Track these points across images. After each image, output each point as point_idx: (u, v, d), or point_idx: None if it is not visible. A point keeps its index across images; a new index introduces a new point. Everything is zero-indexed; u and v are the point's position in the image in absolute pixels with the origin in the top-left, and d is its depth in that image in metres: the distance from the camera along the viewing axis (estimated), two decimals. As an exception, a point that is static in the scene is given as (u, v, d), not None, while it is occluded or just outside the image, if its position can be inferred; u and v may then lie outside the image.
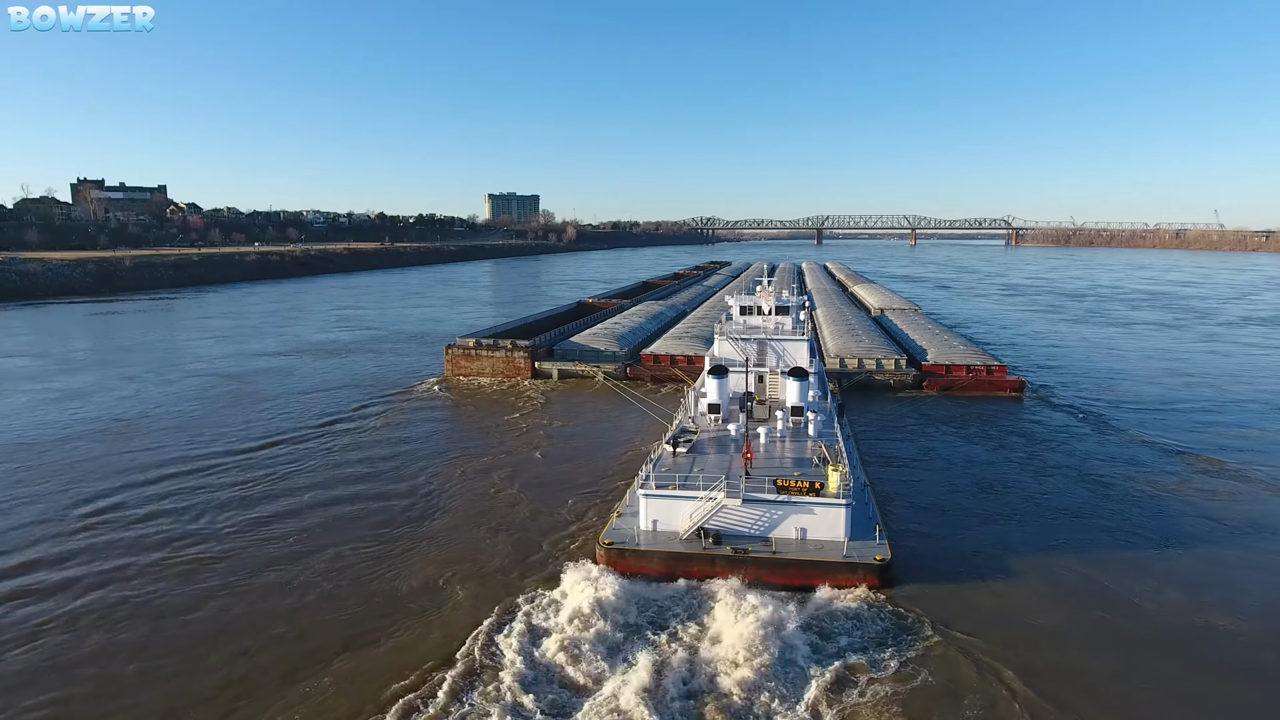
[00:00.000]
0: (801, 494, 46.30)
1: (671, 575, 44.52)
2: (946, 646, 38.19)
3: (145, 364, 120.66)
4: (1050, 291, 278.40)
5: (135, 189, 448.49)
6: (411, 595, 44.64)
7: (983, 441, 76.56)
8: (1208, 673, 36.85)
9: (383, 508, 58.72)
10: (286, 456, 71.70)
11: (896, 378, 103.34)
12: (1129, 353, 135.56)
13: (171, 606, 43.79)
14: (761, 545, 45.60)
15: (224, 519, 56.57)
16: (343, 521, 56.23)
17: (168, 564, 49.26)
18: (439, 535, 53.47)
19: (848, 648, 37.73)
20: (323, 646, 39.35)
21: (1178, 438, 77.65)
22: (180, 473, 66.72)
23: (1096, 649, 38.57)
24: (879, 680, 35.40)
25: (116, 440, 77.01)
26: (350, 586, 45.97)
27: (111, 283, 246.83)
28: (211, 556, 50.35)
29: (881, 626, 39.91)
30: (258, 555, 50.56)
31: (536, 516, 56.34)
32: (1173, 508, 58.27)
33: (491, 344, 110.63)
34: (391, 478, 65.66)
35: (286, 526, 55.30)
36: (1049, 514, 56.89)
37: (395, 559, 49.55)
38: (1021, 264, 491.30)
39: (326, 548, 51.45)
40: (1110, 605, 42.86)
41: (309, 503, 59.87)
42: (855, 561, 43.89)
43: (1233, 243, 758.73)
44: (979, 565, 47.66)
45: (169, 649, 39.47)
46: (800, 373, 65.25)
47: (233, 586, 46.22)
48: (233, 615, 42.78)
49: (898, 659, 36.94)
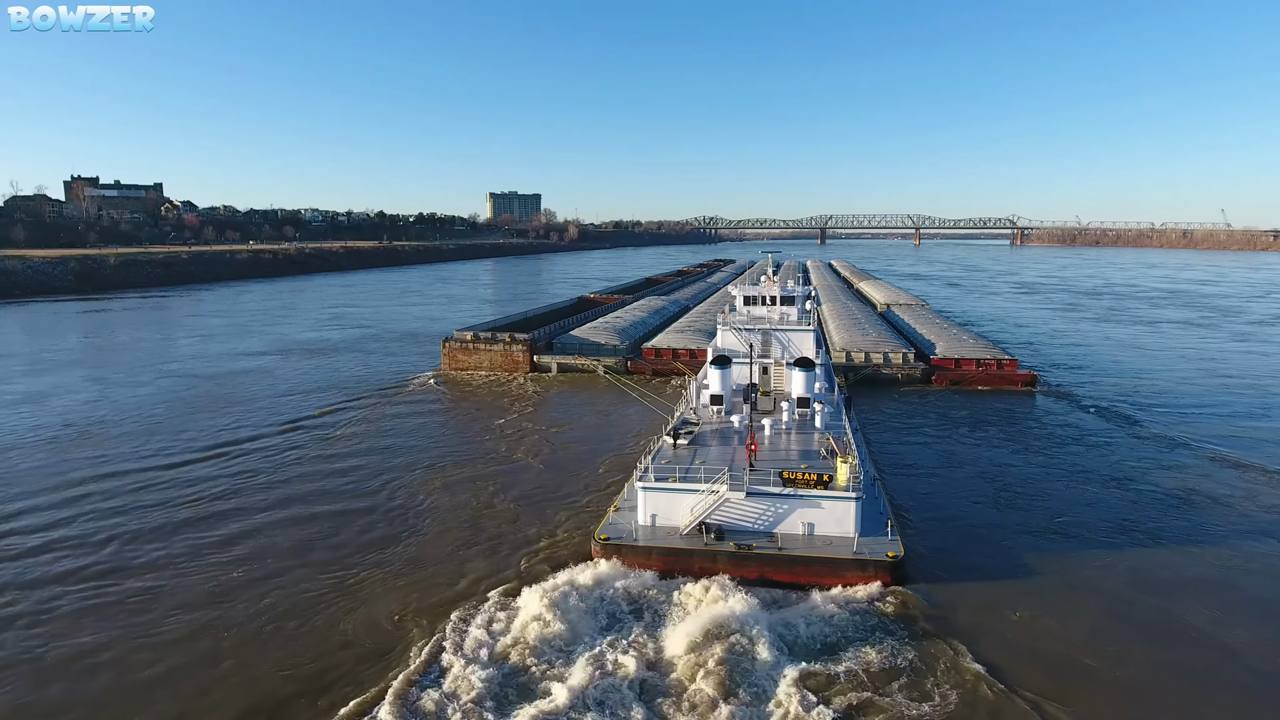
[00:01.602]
0: (809, 487, 43.99)
1: (671, 573, 42.18)
2: (966, 651, 35.61)
3: (117, 365, 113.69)
4: (1065, 289, 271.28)
5: (130, 187, 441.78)
6: (382, 615, 39.88)
7: (995, 437, 73.74)
8: (1230, 684, 34.19)
9: (353, 511, 54.07)
10: (242, 464, 64.64)
11: (905, 371, 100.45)
12: (1160, 352, 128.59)
13: (46, 670, 35.35)
14: (766, 541, 43.39)
15: (149, 544, 48.75)
16: (302, 539, 48.98)
17: (51, 609, 40.56)
18: (415, 539, 49.51)
19: (860, 650, 35.33)
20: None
21: (1216, 440, 71.54)
22: (115, 488, 59.01)
23: (1125, 660, 35.61)
24: (894, 687, 33.03)
25: (58, 449, 69.65)
26: (307, 623, 38.78)
27: (94, 281, 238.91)
28: (117, 595, 42.17)
29: (895, 627, 37.53)
30: (184, 590, 42.83)
31: (526, 513, 53.41)
32: (1203, 510, 54.31)
33: (490, 337, 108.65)
34: (369, 478, 61.09)
35: (228, 553, 47.70)
36: (1067, 512, 53.66)
37: (361, 581, 43.00)
38: (1030, 263, 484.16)
39: (279, 573, 44.14)
40: (1134, 611, 40.06)
41: (261, 523, 52.51)
42: (866, 558, 41.57)
43: (1241, 242, 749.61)
44: (995, 564, 45.26)
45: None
46: (806, 363, 63.17)
47: (144, 634, 38.08)
48: (134, 680, 34.43)
49: (913, 663, 34.57)
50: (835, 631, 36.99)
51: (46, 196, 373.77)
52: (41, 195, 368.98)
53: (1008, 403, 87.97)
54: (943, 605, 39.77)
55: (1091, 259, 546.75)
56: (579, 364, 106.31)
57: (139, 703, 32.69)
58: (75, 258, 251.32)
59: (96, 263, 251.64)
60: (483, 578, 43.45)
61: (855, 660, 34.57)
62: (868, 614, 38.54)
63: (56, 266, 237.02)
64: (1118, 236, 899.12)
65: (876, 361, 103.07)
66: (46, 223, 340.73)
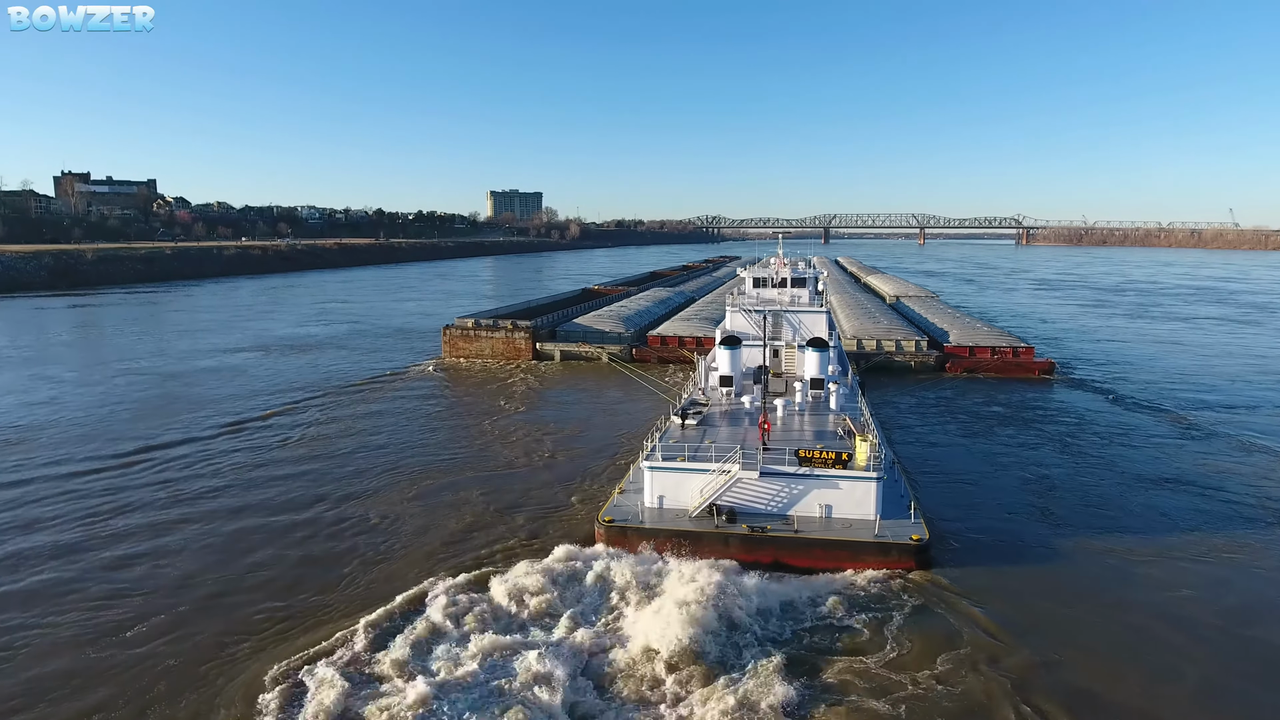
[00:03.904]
0: (826, 467, 41.71)
1: (679, 557, 39.61)
2: (1006, 641, 33.28)
3: (77, 362, 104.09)
4: (1085, 286, 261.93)
5: (122, 183, 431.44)
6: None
7: (1013, 424, 71.35)
8: (1263, 679, 31.52)
9: (345, 496, 50.98)
10: (185, 466, 54.96)
11: (917, 359, 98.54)
12: (1202, 348, 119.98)
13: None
14: (781, 524, 41.31)
15: (33, 574, 39.25)
16: (253, 527, 40.01)
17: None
18: (406, 525, 46.94)
19: (885, 639, 33.20)
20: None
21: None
22: (13, 499, 49.76)
23: (1177, 655, 32.94)
24: (931, 680, 30.45)
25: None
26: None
27: (70, 277, 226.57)
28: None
29: (924, 616, 35.17)
30: (62, 629, 33.28)
31: (524, 498, 50.91)
32: (1254, 505, 50.44)
33: (491, 324, 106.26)
34: (359, 466, 57.79)
35: (136, 583, 38.09)
36: (1097, 501, 51.02)
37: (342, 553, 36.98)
38: (1041, 262, 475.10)
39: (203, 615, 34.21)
40: (1181, 605, 36.96)
41: (193, 535, 42.75)
42: (889, 542, 39.49)
43: (1252, 241, 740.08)
44: (1023, 551, 42.91)
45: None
46: (820, 343, 61.09)
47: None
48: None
49: (951, 655, 32.13)
50: (858, 620, 34.49)
51: (34, 192, 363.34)
52: (28, 191, 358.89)
53: (1025, 391, 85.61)
54: (974, 592, 37.20)
55: (1103, 257, 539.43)
56: (582, 351, 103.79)
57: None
58: (50, 253, 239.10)
59: (73, 258, 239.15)
60: (477, 557, 41.13)
61: (881, 653, 32.13)
62: (893, 601, 36.08)
63: (29, 262, 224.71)
64: (1124, 236, 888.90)
65: (888, 349, 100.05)
66: (32, 218, 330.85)
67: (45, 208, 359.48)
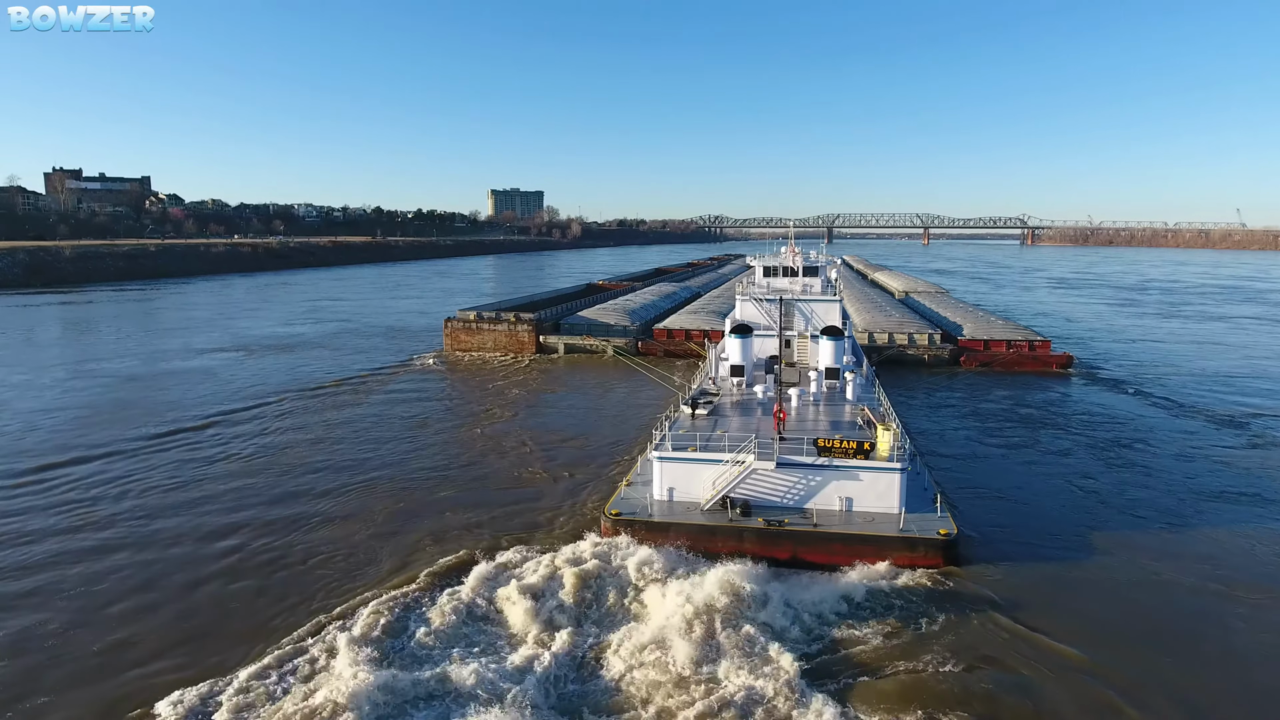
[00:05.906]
0: (847, 457, 39.78)
1: (691, 551, 37.92)
2: (1048, 643, 30.79)
3: (29, 364, 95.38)
4: (1104, 285, 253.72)
5: (114, 180, 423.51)
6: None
7: (1034, 418, 69.20)
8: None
9: (350, 487, 50.08)
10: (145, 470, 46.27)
11: (931, 353, 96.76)
12: (1247, 348, 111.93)
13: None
14: (799, 517, 39.51)
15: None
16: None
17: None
18: (407, 513, 46.07)
19: (913, 641, 30.82)
20: None
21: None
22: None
23: (1210, 665, 29.96)
24: (959, 684, 27.96)
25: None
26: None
27: (45, 274, 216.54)
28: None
29: (955, 617, 32.64)
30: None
31: (529, 490, 49.52)
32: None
33: (494, 317, 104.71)
34: (357, 458, 56.19)
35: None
36: (1125, 496, 48.73)
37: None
38: (1052, 261, 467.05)
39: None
40: (1215, 610, 34.15)
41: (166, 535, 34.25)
42: (915, 536, 37.56)
43: (1262, 241, 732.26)
44: (1049, 550, 40.39)
45: None
46: (835, 331, 59.49)
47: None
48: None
49: (978, 659, 29.59)
50: (883, 620, 32.50)
51: (21, 188, 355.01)
52: (16, 186, 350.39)
53: (1043, 384, 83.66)
54: (1009, 591, 35.13)
55: (1114, 257, 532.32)
56: (587, 344, 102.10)
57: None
58: (25, 249, 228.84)
59: (50, 254, 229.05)
60: (478, 550, 39.42)
61: (910, 655, 30.05)
62: (920, 601, 34.02)
63: (2, 258, 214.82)
64: (1131, 236, 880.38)
65: (901, 342, 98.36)
66: (19, 214, 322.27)
67: (33, 204, 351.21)
